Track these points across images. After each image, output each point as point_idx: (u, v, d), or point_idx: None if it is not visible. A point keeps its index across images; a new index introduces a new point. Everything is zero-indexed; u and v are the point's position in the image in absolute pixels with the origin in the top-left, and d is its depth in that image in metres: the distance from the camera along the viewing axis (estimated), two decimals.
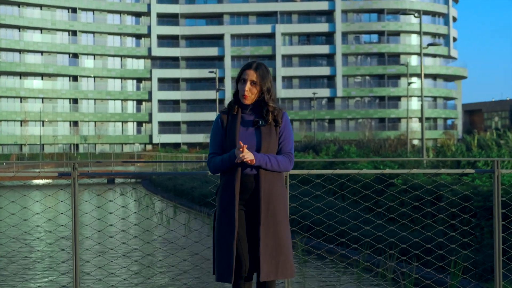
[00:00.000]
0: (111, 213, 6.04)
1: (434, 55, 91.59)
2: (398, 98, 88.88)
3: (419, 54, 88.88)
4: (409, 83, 47.53)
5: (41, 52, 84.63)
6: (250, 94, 4.43)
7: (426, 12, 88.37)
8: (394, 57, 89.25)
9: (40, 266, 11.80)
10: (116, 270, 10.33)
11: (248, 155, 4.24)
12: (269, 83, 4.48)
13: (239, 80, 4.50)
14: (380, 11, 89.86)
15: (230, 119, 4.48)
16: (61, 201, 5.52)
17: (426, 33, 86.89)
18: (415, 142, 69.04)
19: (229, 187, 4.37)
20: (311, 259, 12.26)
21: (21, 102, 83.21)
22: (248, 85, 4.42)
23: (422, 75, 29.30)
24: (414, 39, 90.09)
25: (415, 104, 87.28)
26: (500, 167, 5.50)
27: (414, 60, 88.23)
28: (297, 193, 7.60)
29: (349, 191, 15.93)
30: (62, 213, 5.73)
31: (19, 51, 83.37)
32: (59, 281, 10.20)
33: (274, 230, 4.33)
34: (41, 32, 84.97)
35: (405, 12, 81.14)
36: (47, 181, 45.00)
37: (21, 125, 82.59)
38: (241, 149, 4.22)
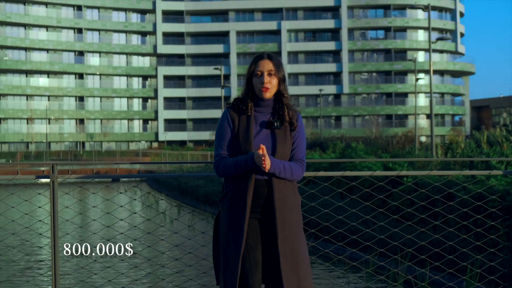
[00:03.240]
0: (108, 213, 5.70)
1: (441, 51, 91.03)
2: (405, 95, 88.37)
3: (426, 50, 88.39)
4: (417, 79, 47.06)
5: (47, 50, 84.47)
6: (271, 85, 4.06)
7: (433, 8, 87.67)
8: (401, 53, 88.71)
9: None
10: (116, 277, 9.99)
11: (268, 162, 3.87)
12: (283, 72, 4.14)
13: (253, 74, 4.12)
14: (386, 7, 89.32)
15: (242, 118, 4.08)
16: (39, 207, 5.15)
17: (433, 29, 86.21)
18: (423, 138, 68.55)
19: (240, 195, 3.98)
20: (318, 259, 11.92)
21: (27, 100, 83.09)
22: (266, 77, 4.05)
23: (431, 71, 28.88)
24: (421, 35, 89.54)
25: (422, 100, 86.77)
26: None
27: (421, 56, 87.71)
28: (303, 190, 7.23)
29: (356, 188, 15.57)
30: (66, 219, 5.36)
31: (25, 49, 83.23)
32: None
33: (292, 243, 3.97)
34: (47, 30, 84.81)
35: (413, 5, 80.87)
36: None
37: (27, 123, 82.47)
38: (261, 153, 3.84)
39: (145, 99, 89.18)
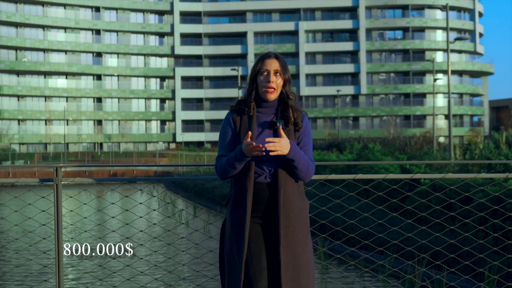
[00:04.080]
0: (127, 210, 5.61)
1: (460, 51, 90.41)
2: (423, 95, 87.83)
3: (444, 50, 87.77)
4: (435, 80, 46.69)
5: (65, 51, 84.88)
6: (276, 86, 3.91)
7: (452, 8, 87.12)
8: (419, 54, 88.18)
9: None
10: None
11: (277, 145, 3.67)
12: (289, 73, 3.97)
13: (258, 72, 3.99)
14: (404, 7, 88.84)
15: (243, 119, 3.94)
16: (43, 211, 5.05)
17: (451, 29, 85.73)
18: (441, 139, 68.06)
19: (240, 198, 3.84)
20: (332, 263, 11.78)
21: (45, 101, 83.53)
22: (272, 76, 3.90)
23: (449, 71, 28.60)
24: (439, 35, 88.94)
25: (440, 101, 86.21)
26: None
27: (439, 57, 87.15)
28: (317, 192, 7.09)
29: (372, 191, 15.40)
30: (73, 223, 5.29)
31: (43, 50, 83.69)
32: None
33: (295, 250, 3.81)
34: (65, 31, 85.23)
35: (431, 5, 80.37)
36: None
37: (45, 124, 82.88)
38: (249, 140, 3.68)
39: (162, 100, 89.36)
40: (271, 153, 3.69)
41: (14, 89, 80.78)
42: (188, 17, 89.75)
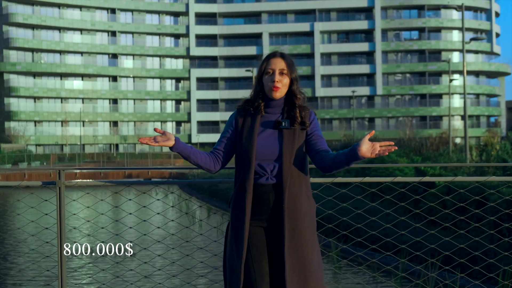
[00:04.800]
0: (142, 206, 5.54)
1: (476, 52, 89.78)
2: (439, 96, 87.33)
3: (460, 51, 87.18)
4: (451, 80, 46.36)
5: (81, 53, 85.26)
6: (281, 85, 3.83)
7: (468, 8, 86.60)
8: (435, 54, 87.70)
9: None
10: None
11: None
12: (296, 72, 3.89)
13: (264, 72, 3.91)
14: (420, 7, 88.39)
15: (248, 119, 3.87)
16: (46, 214, 5.00)
17: (468, 29, 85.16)
18: (457, 140, 67.61)
19: (239, 200, 3.75)
20: (345, 266, 11.67)
21: (61, 102, 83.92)
22: (277, 75, 3.82)
23: (465, 72, 28.36)
24: (456, 36, 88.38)
25: (457, 101, 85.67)
26: None
27: (455, 57, 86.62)
28: (331, 191, 7.00)
29: (385, 191, 15.26)
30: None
31: (60, 52, 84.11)
32: None
33: (301, 253, 3.69)
34: (81, 33, 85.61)
35: (446, 5, 79.91)
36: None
37: (61, 126, 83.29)
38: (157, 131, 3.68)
39: (178, 101, 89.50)
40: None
41: (30, 90, 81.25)
42: (203, 18, 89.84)
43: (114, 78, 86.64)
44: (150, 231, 5.74)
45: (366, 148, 3.53)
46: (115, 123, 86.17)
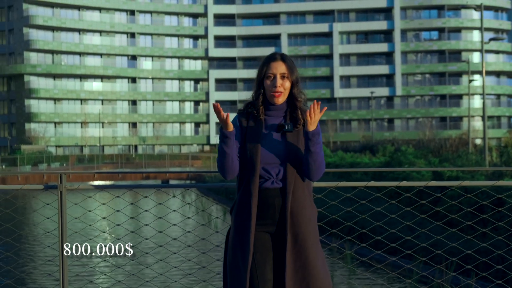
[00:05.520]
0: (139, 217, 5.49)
1: (497, 52, 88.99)
2: (460, 96, 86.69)
3: (481, 51, 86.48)
4: (470, 81, 45.99)
5: (101, 55, 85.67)
6: (283, 89, 3.75)
7: (489, 7, 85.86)
8: (455, 54, 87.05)
9: None
10: None
11: (315, 117, 3.66)
12: (297, 74, 3.79)
13: (265, 76, 3.82)
14: (440, 7, 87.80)
15: (251, 123, 3.79)
16: (48, 218, 4.96)
17: (488, 29, 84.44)
18: (478, 141, 67.03)
19: (245, 204, 3.67)
20: (359, 267, 11.55)
21: (81, 104, 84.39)
22: (279, 80, 3.74)
23: (484, 72, 28.08)
24: (476, 36, 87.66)
25: (477, 102, 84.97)
26: None
27: (476, 57, 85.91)
28: (343, 193, 6.92)
29: (399, 192, 15.11)
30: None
31: (79, 53, 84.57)
32: None
33: (304, 258, 3.60)
34: (100, 35, 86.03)
35: (465, 5, 79.31)
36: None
37: (81, 127, 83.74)
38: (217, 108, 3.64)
39: (196, 103, 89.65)
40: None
41: (50, 92, 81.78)
42: (222, 19, 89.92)
43: (133, 80, 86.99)
44: (166, 227, 5.68)
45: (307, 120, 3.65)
46: (134, 124, 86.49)
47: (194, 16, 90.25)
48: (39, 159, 59.26)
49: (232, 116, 3.78)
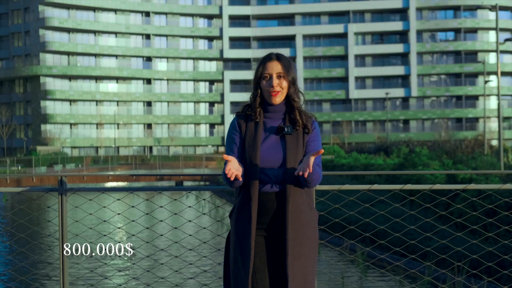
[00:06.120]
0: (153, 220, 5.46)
1: None
2: (476, 97, 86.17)
3: (496, 51, 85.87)
4: (486, 81, 45.67)
5: (116, 56, 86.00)
6: (281, 88, 3.70)
7: (505, 8, 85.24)
8: (472, 55, 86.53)
9: None
10: None
11: (309, 166, 3.43)
12: (294, 74, 3.75)
13: (261, 77, 3.77)
14: (456, 8, 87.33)
15: (249, 125, 3.73)
16: (49, 221, 4.92)
17: (505, 30, 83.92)
18: (494, 142, 66.56)
19: (245, 208, 3.61)
20: (370, 269, 11.46)
21: (96, 105, 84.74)
22: (275, 79, 3.69)
23: (499, 72, 27.88)
24: (492, 36, 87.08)
25: (493, 103, 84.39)
26: None
27: (492, 58, 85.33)
28: (355, 193, 6.86)
29: (414, 194, 15.00)
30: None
31: (95, 55, 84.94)
32: None
33: (302, 263, 3.57)
34: (116, 36, 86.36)
35: (479, 6, 78.86)
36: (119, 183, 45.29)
37: (96, 128, 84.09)
38: (229, 161, 3.45)
39: (211, 104, 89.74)
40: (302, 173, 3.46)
41: (66, 93, 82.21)
42: (237, 20, 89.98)
43: (148, 81, 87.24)
44: (181, 224, 5.64)
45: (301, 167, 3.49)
46: (149, 126, 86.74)
47: (209, 17, 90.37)
48: (55, 160, 59.55)
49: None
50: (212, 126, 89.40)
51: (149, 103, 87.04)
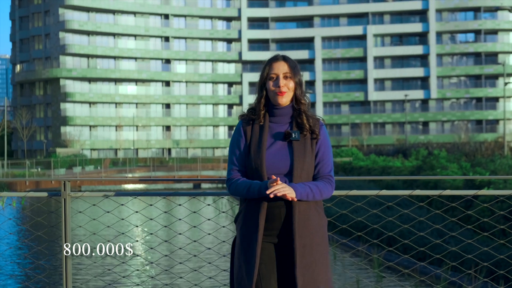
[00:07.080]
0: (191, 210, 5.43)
1: None
2: (496, 99, 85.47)
3: None
4: (506, 83, 45.26)
5: (135, 58, 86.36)
6: (287, 89, 3.63)
7: None
8: (492, 57, 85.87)
9: None
10: None
11: (285, 190, 3.39)
12: (300, 76, 3.68)
13: (267, 78, 3.71)
14: (476, 9, 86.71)
15: (255, 129, 3.66)
16: (52, 226, 4.91)
17: None
18: None
19: (252, 215, 3.54)
20: (387, 272, 11.37)
21: (116, 107, 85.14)
22: (282, 80, 3.63)
23: None
24: None
25: None
26: None
27: None
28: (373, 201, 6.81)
29: (432, 199, 14.87)
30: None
31: (114, 57, 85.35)
32: None
33: (313, 272, 3.49)
34: (135, 39, 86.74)
35: (499, 7, 78.24)
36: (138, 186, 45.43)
37: (116, 130, 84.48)
38: (274, 184, 3.38)
39: (230, 106, 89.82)
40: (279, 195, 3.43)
41: (86, 96, 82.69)
42: (256, 22, 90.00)
43: (167, 83, 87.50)
44: (200, 223, 5.62)
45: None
46: (167, 128, 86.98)
47: (228, 19, 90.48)
48: (74, 162, 59.88)
49: None
50: (230, 128, 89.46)
51: (168, 105, 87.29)
